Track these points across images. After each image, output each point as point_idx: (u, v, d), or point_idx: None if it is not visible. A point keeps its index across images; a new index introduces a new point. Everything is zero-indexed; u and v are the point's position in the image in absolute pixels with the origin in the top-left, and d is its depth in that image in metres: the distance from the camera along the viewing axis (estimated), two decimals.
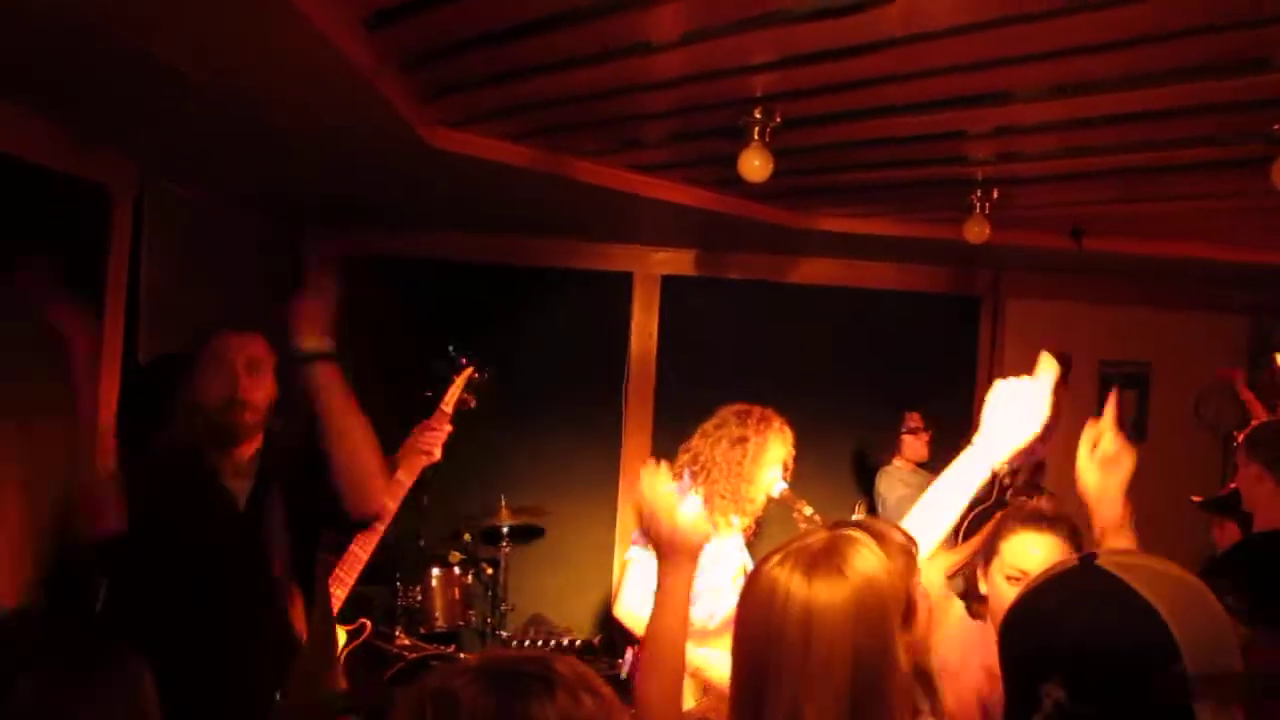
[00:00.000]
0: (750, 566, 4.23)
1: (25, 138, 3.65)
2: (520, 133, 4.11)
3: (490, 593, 5.70)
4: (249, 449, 2.99)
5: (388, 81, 3.26)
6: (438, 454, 4.56)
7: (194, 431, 2.94)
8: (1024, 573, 2.69)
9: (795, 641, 1.70)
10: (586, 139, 4.21)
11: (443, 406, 4.73)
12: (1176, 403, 6.85)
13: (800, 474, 6.26)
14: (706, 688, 3.94)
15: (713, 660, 3.93)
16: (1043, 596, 1.43)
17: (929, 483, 5.79)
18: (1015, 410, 2.48)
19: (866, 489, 6.18)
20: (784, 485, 4.49)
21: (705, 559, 4.04)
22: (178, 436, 2.97)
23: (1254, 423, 3.97)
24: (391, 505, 4.09)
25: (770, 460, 4.25)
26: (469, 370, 5.00)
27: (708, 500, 4.13)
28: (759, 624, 1.76)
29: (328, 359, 2.91)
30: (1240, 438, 3.81)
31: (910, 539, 1.91)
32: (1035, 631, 1.40)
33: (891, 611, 1.73)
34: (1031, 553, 2.75)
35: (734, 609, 1.84)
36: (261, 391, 2.97)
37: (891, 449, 5.97)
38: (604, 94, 3.54)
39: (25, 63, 3.13)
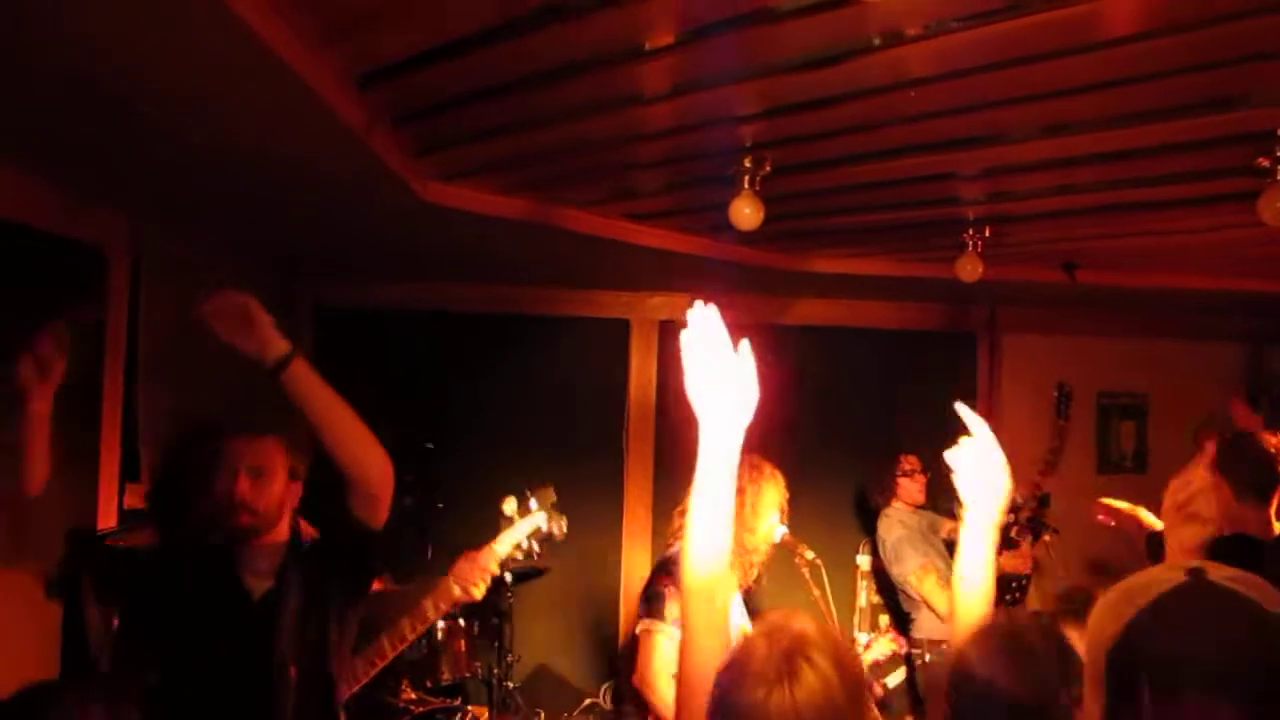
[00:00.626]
0: (748, 627, 4.26)
1: (20, 200, 3.68)
2: (513, 185, 4.14)
3: (496, 643, 5.67)
4: (268, 549, 2.97)
5: (380, 138, 3.30)
6: (478, 593, 4.09)
7: (208, 526, 2.96)
8: None
9: None
10: (579, 190, 4.24)
11: (494, 545, 4.21)
12: (1175, 433, 6.85)
13: (801, 516, 6.25)
14: None
15: None
16: (1166, 612, 1.41)
17: (927, 523, 5.85)
18: (985, 472, 2.47)
19: (868, 530, 6.17)
20: (784, 530, 4.50)
21: None
22: (200, 527, 2.99)
23: None
24: (409, 634, 3.97)
25: (767, 507, 4.26)
26: (548, 499, 4.37)
27: None
28: None
29: (293, 357, 2.91)
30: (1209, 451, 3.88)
31: (845, 646, 1.97)
32: (1167, 643, 1.39)
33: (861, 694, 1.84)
34: None
35: None
36: (265, 497, 2.93)
37: (889, 492, 5.96)
38: (595, 146, 3.58)
39: (19, 124, 3.16)
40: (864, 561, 6.27)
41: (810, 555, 4.33)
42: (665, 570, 4.12)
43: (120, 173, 3.75)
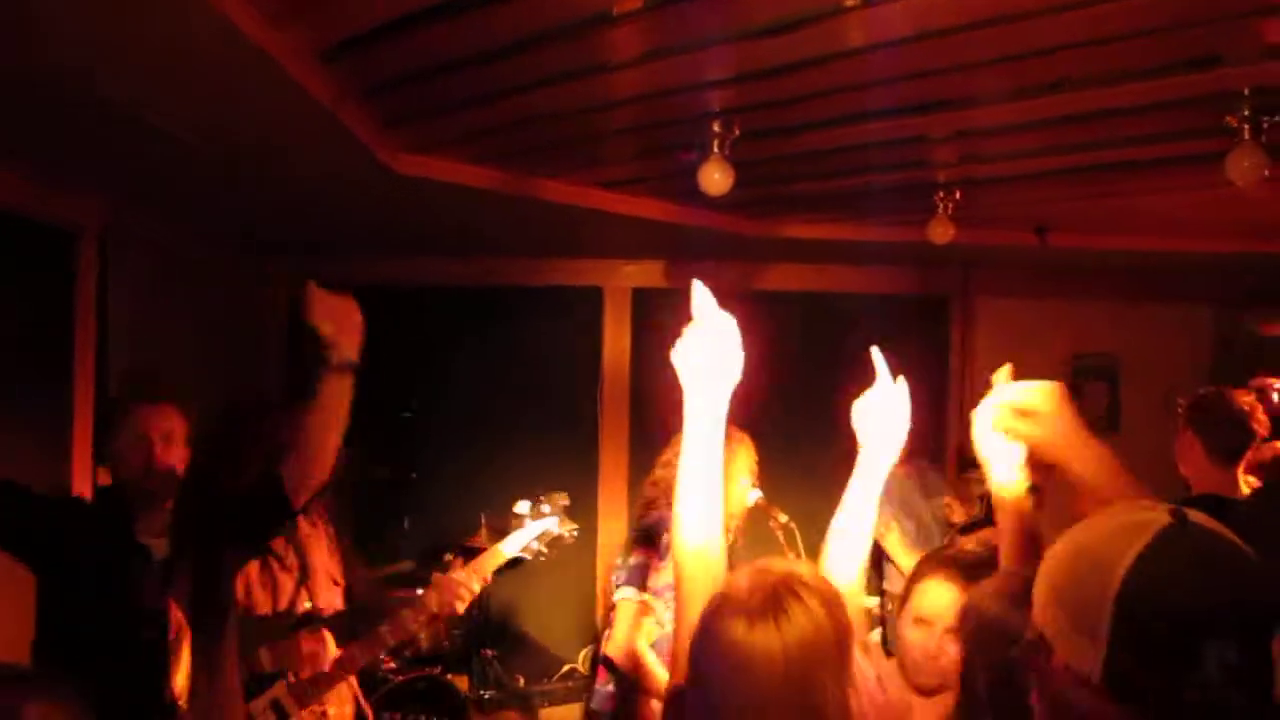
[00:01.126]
0: None
1: None
2: (483, 155, 4.12)
3: (475, 612, 5.68)
4: (164, 512, 3.03)
5: (349, 111, 3.28)
6: (460, 607, 4.01)
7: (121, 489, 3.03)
8: (929, 619, 2.58)
9: (737, 687, 1.75)
10: (550, 159, 4.22)
11: (499, 546, 4.12)
12: (1147, 394, 6.90)
13: (777, 481, 6.28)
14: None
15: None
16: (1162, 561, 1.33)
17: (915, 483, 5.89)
18: (885, 413, 2.47)
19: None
20: (758, 494, 4.52)
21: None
22: (111, 489, 3.08)
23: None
24: (390, 641, 3.94)
25: (738, 472, 4.25)
26: (560, 502, 4.26)
27: None
28: (712, 671, 1.80)
29: (351, 368, 3.12)
30: (1180, 406, 3.89)
31: (836, 591, 1.91)
32: (1179, 595, 1.32)
33: (824, 662, 1.77)
34: (940, 601, 2.59)
35: None
36: (175, 460, 3.01)
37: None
38: (565, 115, 3.57)
39: None
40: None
41: (784, 519, 4.36)
42: (644, 540, 4.14)
43: (90, 155, 3.73)
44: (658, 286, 6.59)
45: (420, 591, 4.11)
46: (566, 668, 6.18)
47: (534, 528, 4.11)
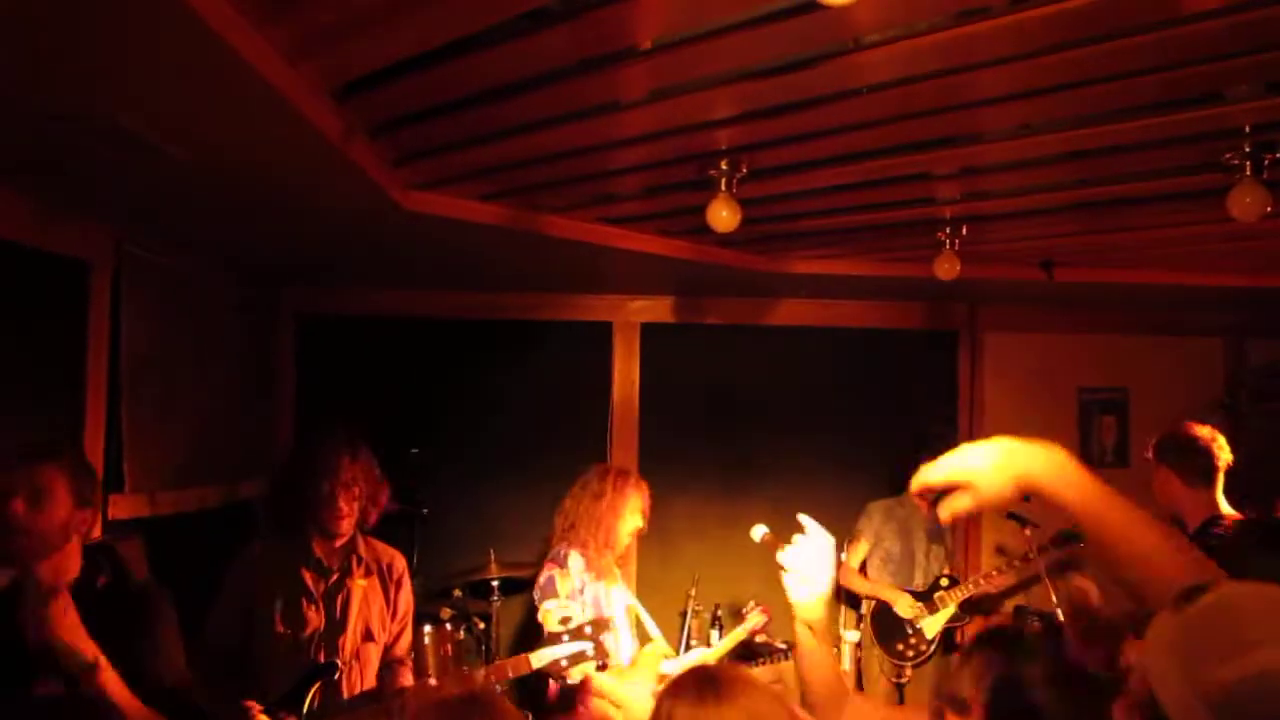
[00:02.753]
0: (639, 609, 4.84)
1: (1, 217, 3.69)
2: (492, 192, 4.16)
3: (483, 647, 5.69)
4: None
5: (358, 148, 3.31)
6: None
7: None
8: None
9: None
10: (558, 196, 4.26)
11: (529, 655, 4.04)
12: (1156, 427, 6.90)
13: (787, 514, 6.28)
14: None
15: (635, 696, 4.12)
16: None
17: (909, 512, 6.00)
18: (811, 568, 2.52)
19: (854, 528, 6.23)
20: (764, 530, 4.55)
21: (604, 601, 4.57)
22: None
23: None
24: None
25: (630, 511, 4.80)
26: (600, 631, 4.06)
27: (583, 551, 4.68)
28: None
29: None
30: (1150, 448, 4.29)
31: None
32: None
33: None
34: None
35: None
36: (41, 520, 2.88)
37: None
38: (573, 153, 3.60)
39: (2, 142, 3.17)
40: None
41: None
42: (551, 558, 4.72)
43: (102, 187, 3.76)
44: (667, 322, 6.62)
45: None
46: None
47: (569, 647, 4.13)
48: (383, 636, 4.07)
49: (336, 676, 3.81)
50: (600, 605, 4.62)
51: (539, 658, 4.07)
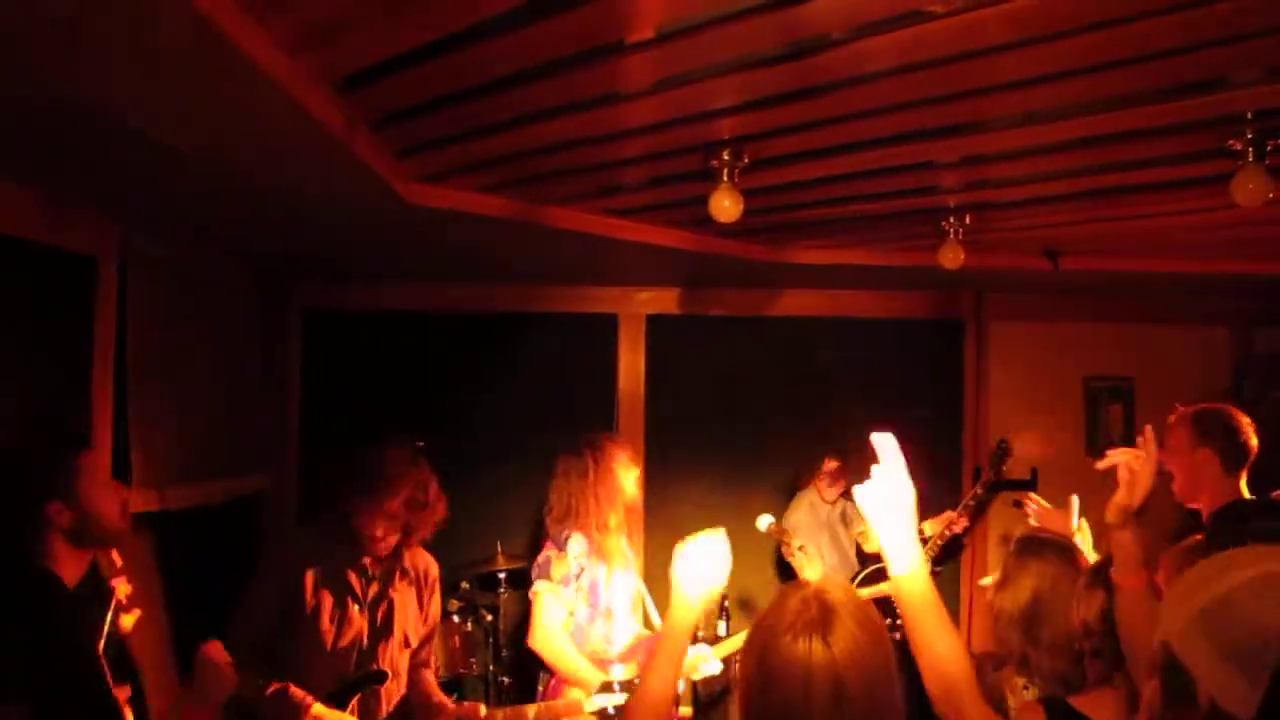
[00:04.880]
0: (646, 596, 4.67)
1: (6, 211, 3.70)
2: (496, 184, 4.15)
3: (490, 639, 5.71)
4: None
5: (361, 141, 3.31)
6: None
7: None
8: None
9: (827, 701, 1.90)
10: (562, 187, 4.26)
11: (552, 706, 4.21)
12: (1163, 416, 6.88)
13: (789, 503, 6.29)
14: None
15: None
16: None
17: (838, 513, 6.01)
18: (703, 567, 2.49)
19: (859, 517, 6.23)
20: (770, 519, 4.64)
21: (603, 586, 4.43)
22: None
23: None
24: None
25: (623, 473, 4.62)
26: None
27: (588, 535, 4.51)
28: (786, 692, 1.93)
29: None
30: (1175, 417, 4.08)
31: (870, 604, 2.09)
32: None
33: (876, 672, 1.94)
34: None
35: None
36: None
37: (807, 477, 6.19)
38: (576, 143, 3.60)
39: (7, 137, 3.18)
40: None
41: (798, 544, 4.41)
42: (552, 539, 4.56)
43: (106, 182, 3.77)
44: (672, 313, 6.63)
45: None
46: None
47: (618, 697, 4.20)
48: (414, 642, 4.06)
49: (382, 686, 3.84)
50: (597, 591, 4.51)
51: (592, 703, 4.16)
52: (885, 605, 5.82)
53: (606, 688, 4.21)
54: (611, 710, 4.09)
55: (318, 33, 2.59)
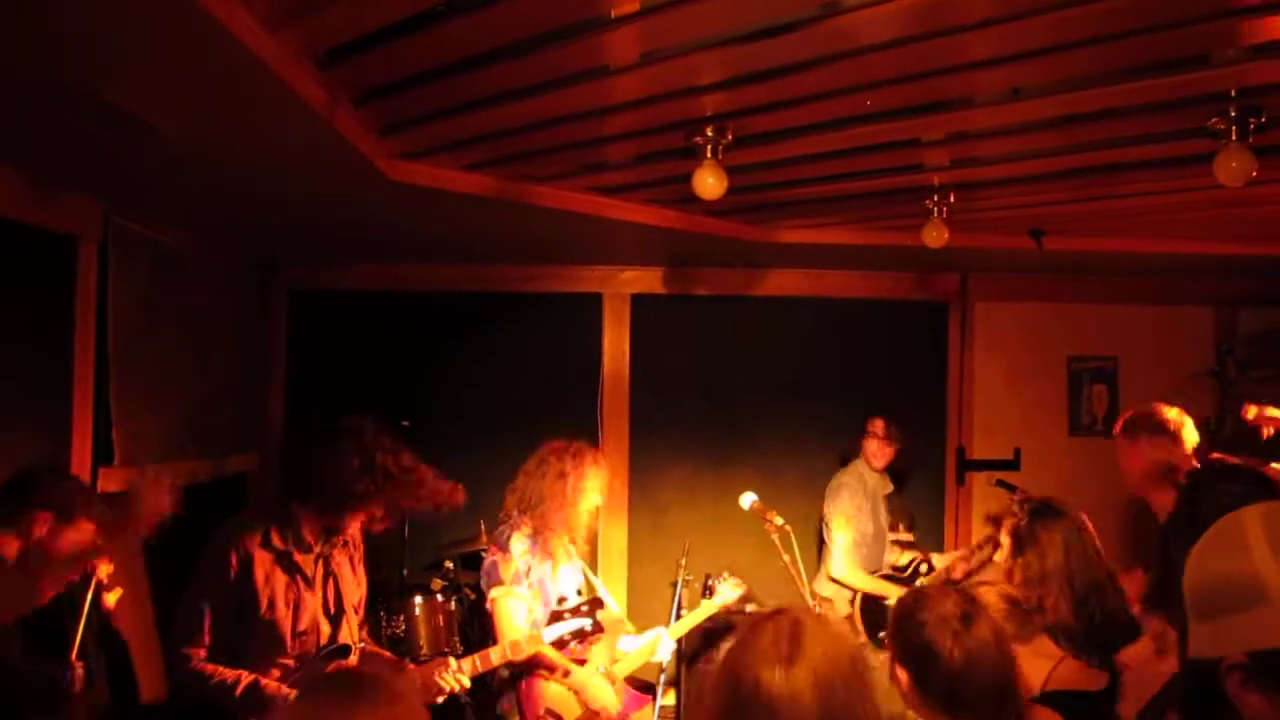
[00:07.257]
0: (598, 586, 4.77)
1: None
2: (479, 161, 4.14)
3: (474, 618, 5.71)
4: None
5: (343, 118, 3.30)
6: (440, 698, 3.97)
7: None
8: None
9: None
10: (545, 165, 4.24)
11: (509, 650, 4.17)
12: (1147, 396, 6.90)
13: (780, 486, 6.32)
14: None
15: (593, 682, 4.47)
16: None
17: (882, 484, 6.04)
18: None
19: None
20: (754, 497, 4.66)
21: (550, 581, 4.51)
22: None
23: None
24: None
25: (592, 488, 4.63)
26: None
27: (540, 531, 4.54)
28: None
29: None
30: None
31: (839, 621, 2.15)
32: None
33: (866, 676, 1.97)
34: None
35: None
36: None
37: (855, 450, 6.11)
38: (558, 120, 3.58)
39: None
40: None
41: (780, 521, 4.43)
42: (493, 541, 4.63)
43: (88, 161, 3.75)
44: (656, 292, 6.62)
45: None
46: None
47: (572, 624, 4.21)
48: (361, 608, 3.98)
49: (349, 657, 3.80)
50: (545, 587, 4.52)
51: (549, 633, 4.16)
52: (878, 612, 5.88)
53: (557, 616, 4.22)
54: (568, 637, 4.15)
55: (297, 6, 2.58)
